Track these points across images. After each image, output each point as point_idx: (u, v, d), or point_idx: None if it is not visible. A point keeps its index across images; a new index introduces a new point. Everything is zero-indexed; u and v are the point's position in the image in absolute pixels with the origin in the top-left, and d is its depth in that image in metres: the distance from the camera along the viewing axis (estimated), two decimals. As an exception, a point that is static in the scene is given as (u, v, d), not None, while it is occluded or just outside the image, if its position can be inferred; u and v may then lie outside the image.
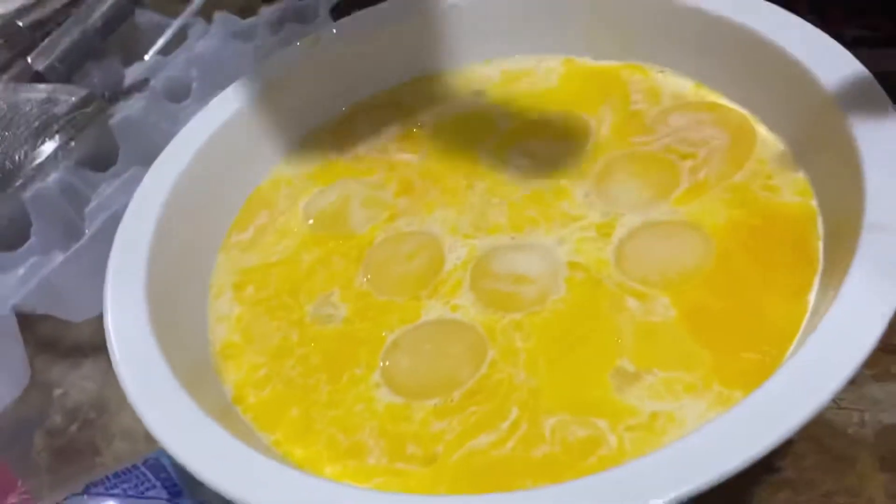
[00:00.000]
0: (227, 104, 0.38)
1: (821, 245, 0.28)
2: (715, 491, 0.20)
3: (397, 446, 0.27)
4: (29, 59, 0.50)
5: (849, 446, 0.30)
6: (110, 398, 0.41)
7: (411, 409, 0.28)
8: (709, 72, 0.36)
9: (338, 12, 0.49)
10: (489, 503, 0.21)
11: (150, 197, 0.34)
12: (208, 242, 0.36)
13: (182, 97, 0.49)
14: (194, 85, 0.49)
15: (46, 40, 0.53)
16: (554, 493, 0.21)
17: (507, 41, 0.41)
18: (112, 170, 0.44)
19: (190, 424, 0.26)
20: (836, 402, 0.32)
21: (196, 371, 0.30)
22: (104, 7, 0.54)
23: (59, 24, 0.54)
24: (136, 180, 0.36)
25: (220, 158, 0.37)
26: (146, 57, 0.57)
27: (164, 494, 0.34)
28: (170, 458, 0.26)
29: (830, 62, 0.30)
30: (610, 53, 0.39)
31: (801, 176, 0.31)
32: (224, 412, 0.29)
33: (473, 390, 0.27)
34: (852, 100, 0.29)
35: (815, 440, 0.31)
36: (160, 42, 0.57)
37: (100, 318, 0.30)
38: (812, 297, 0.27)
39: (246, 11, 0.53)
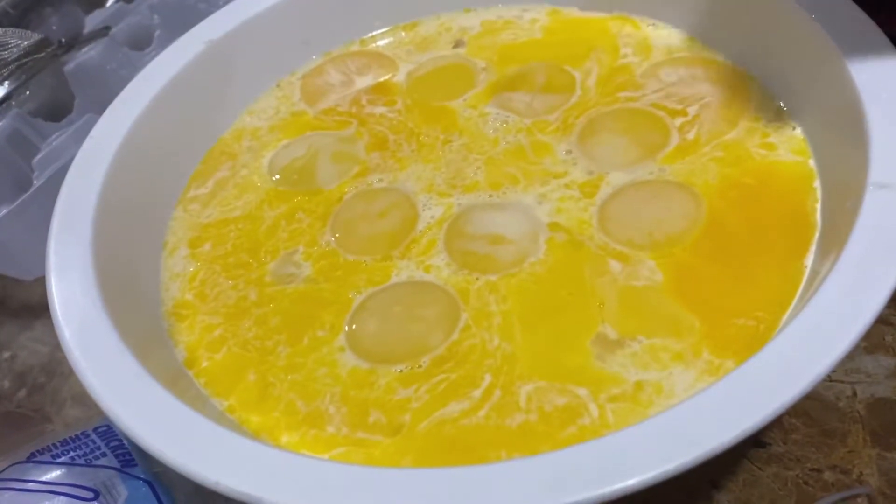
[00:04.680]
0: (190, 48, 0.36)
1: (818, 206, 0.27)
2: (699, 464, 0.19)
3: (360, 414, 0.25)
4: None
5: (839, 420, 0.29)
6: (62, 362, 0.39)
7: (377, 374, 0.26)
8: (702, 25, 0.34)
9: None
10: (456, 476, 0.19)
11: (102, 145, 0.32)
12: (164, 196, 0.34)
13: (145, 45, 0.47)
14: (157, 32, 0.46)
15: (-2, -17, 0.50)
16: (529, 465, 0.19)
17: (489, -11, 0.39)
18: (66, 119, 0.41)
19: (136, 390, 0.23)
20: (828, 374, 0.30)
21: (146, 333, 0.28)
22: (62, -50, 0.51)
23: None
24: (90, 129, 0.33)
25: (180, 106, 0.35)
26: (108, 3, 0.54)
27: (114, 463, 0.32)
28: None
29: (832, 12, 0.28)
30: (598, 4, 0.37)
31: (798, 134, 0.29)
32: (175, 377, 0.27)
33: (443, 357, 0.26)
34: (856, 53, 0.27)
35: (805, 414, 0.29)
36: (123, -12, 0.54)
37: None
38: (809, 261, 0.25)
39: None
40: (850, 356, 0.30)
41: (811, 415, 0.29)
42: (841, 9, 0.28)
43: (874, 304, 0.20)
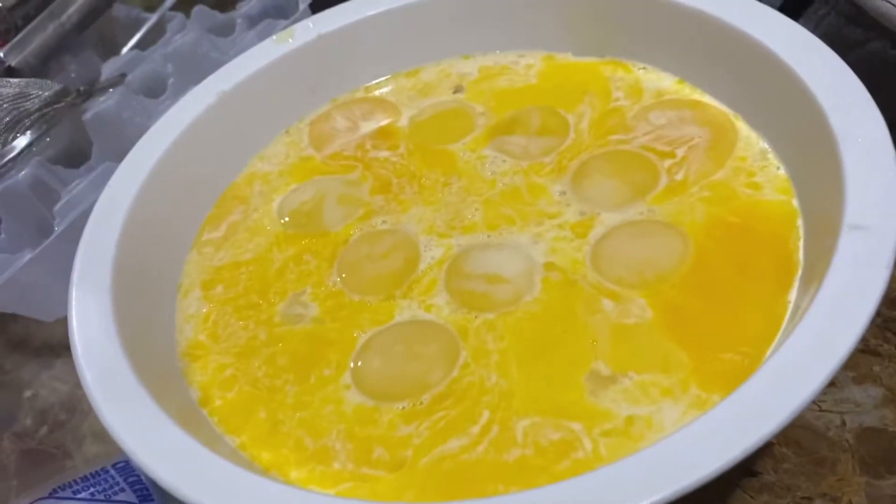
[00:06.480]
0: (202, 98, 0.38)
1: (801, 244, 0.28)
2: (694, 495, 0.20)
3: (364, 450, 0.26)
4: (1, 54, 0.50)
5: (829, 449, 0.30)
6: (82, 399, 0.40)
7: (380, 411, 0.27)
8: (691, 68, 0.35)
9: (317, 6, 0.48)
10: (455, 510, 0.21)
11: (120, 193, 0.34)
12: (180, 240, 0.35)
13: (159, 92, 0.48)
14: (171, 80, 0.48)
15: (20, 35, 0.52)
16: (526, 498, 0.21)
17: (486, 36, 0.40)
18: (84, 166, 0.43)
19: (153, 428, 0.25)
20: (817, 404, 0.31)
21: (162, 372, 0.29)
22: (80, 1, 0.53)
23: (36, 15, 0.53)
24: (109, 176, 0.35)
25: (194, 153, 0.36)
26: (123, 51, 0.56)
27: (133, 499, 0.33)
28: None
29: (813, 60, 0.30)
30: (591, 49, 0.38)
31: (782, 174, 0.30)
32: (190, 415, 0.28)
33: (443, 394, 0.27)
34: (834, 98, 0.28)
35: (796, 443, 0.30)
36: (137, 36, 0.56)
37: (69, 318, 0.29)
38: (792, 297, 0.26)
39: (224, 5, 0.52)
40: (840, 386, 0.31)
41: (801, 444, 0.30)
42: (819, 56, 0.29)
43: (848, 341, 0.21)
